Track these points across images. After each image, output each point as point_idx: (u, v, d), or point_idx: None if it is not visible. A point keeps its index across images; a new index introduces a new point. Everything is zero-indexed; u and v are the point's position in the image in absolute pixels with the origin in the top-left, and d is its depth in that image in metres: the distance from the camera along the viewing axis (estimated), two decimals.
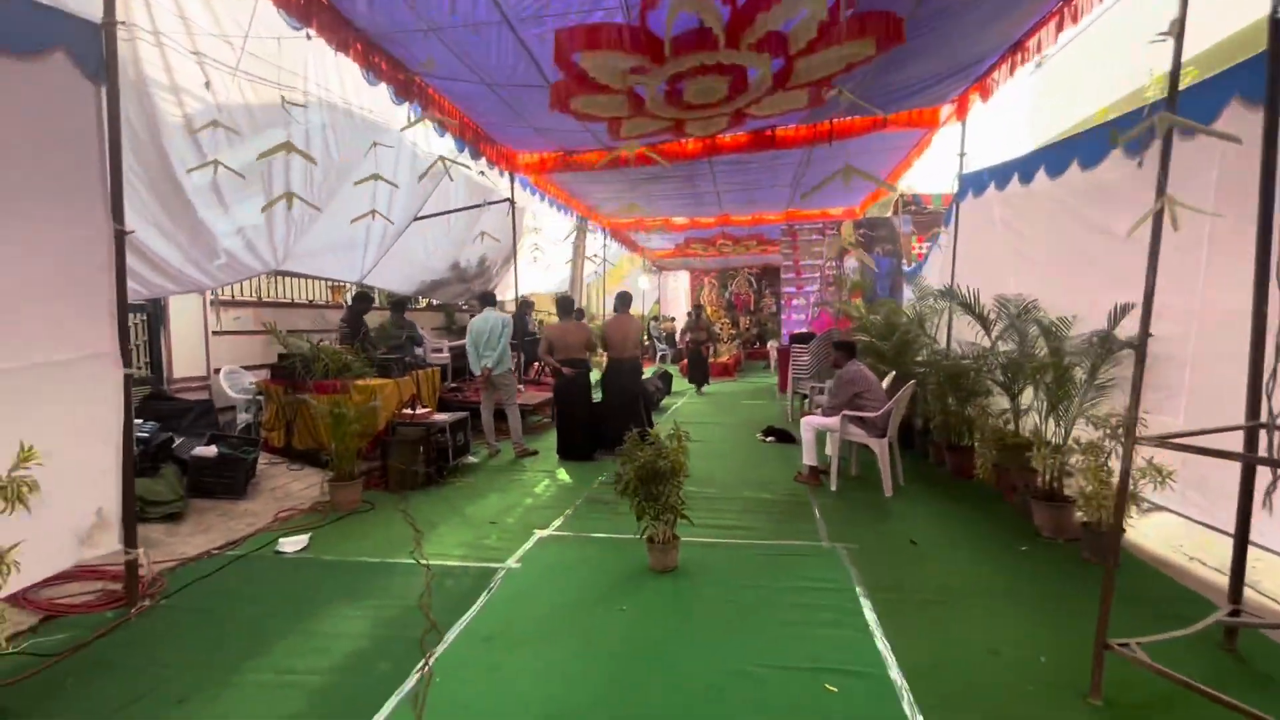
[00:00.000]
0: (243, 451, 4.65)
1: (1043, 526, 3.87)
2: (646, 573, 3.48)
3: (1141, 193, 3.97)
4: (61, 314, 2.83)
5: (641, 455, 3.42)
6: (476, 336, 6.21)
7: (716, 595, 3.18)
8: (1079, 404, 3.77)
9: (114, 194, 3.03)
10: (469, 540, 4.03)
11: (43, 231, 2.75)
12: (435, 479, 5.36)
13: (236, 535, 4.06)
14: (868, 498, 4.79)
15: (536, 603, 3.15)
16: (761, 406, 9.86)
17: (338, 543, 3.99)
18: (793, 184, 10.16)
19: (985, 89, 6.11)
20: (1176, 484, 3.20)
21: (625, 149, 8.13)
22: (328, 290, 8.18)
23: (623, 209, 11.05)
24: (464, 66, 5.20)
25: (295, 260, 6.44)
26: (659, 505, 3.42)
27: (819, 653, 2.60)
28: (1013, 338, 4.68)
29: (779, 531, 4.09)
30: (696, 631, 2.82)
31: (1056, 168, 4.90)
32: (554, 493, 5.13)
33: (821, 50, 4.44)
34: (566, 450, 6.28)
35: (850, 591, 3.18)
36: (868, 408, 4.89)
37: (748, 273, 21.99)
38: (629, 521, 4.22)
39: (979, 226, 6.19)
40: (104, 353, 3.00)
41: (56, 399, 2.80)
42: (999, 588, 3.23)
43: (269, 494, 4.80)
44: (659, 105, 5.31)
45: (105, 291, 3.00)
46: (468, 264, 9.34)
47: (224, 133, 4.52)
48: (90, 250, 2.95)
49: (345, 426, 4.64)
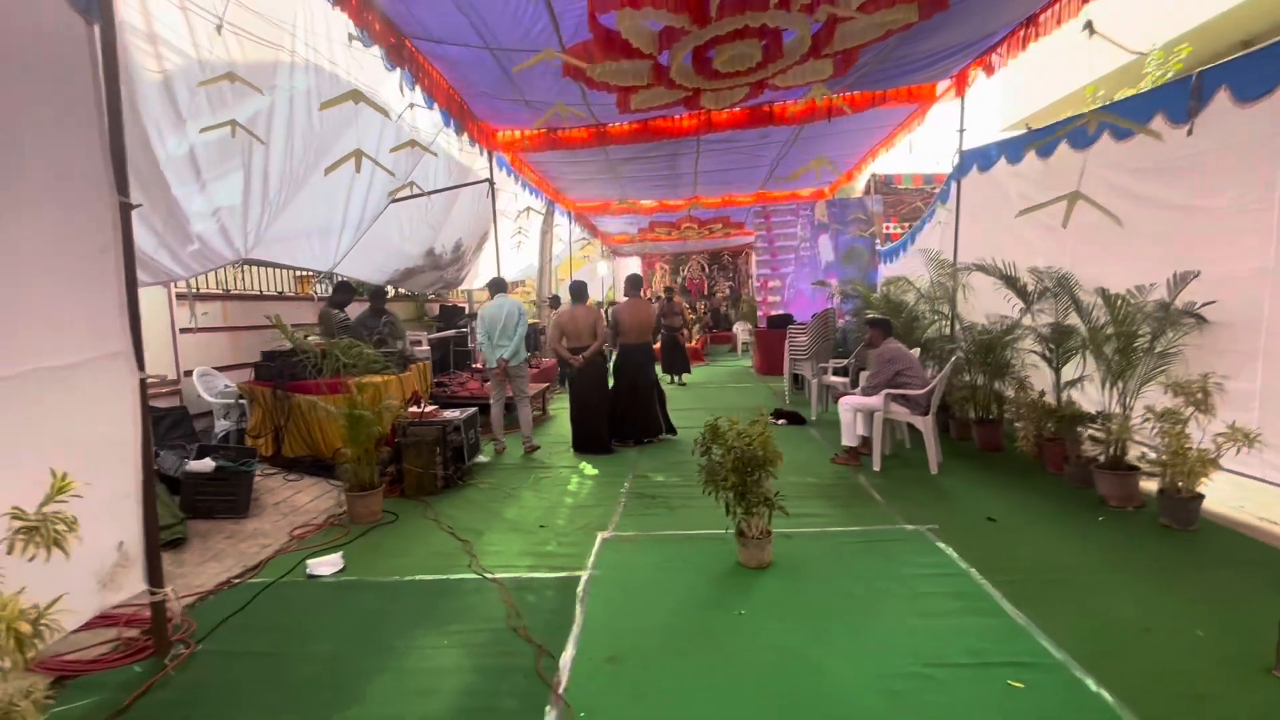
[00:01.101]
0: (242, 464, 4.07)
1: (1110, 496, 3.89)
2: (739, 570, 3.25)
3: (1192, 161, 4.07)
4: (60, 307, 2.28)
5: (735, 443, 3.16)
6: (490, 325, 5.74)
7: (826, 590, 2.98)
8: (1144, 372, 3.78)
9: (115, 158, 2.47)
10: (526, 548, 3.66)
11: (32, 206, 2.19)
12: (454, 481, 4.92)
13: (252, 560, 3.53)
14: (915, 476, 4.72)
15: (640, 613, 2.85)
16: (749, 390, 9.77)
17: (377, 561, 3.54)
18: (771, 164, 10.07)
19: (989, 64, 6.13)
20: (1264, 448, 3.24)
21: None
22: (295, 282, 7.41)
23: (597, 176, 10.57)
24: (470, 27, 4.71)
25: (266, 247, 5.74)
26: (754, 497, 3.18)
27: (976, 645, 2.44)
28: (1050, 310, 4.70)
29: (850, 517, 3.94)
30: (831, 632, 2.61)
31: (1084, 139, 4.93)
32: (590, 489, 4.80)
33: (869, 14, 4.27)
34: (582, 443, 5.93)
35: (965, 576, 3.05)
36: (910, 385, 4.81)
37: (699, 258, 21.99)
38: (689, 516, 4.02)
39: (988, 200, 6.24)
40: (115, 353, 2.46)
41: (62, 412, 2.26)
42: (1102, 561, 3.19)
43: (274, 510, 4.24)
44: (685, 74, 5.00)
45: (111, 278, 2.45)
46: (443, 250, 8.73)
47: (205, 96, 3.89)
48: (90, 227, 2.39)
49: (365, 430, 4.14)
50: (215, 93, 3.94)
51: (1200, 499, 3.44)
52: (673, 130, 7.60)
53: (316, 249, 6.52)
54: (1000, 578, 3.00)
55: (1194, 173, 3.95)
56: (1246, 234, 3.59)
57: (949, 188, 7.17)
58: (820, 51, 4.77)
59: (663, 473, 5.12)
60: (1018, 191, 5.83)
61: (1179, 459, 3.42)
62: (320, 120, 5.09)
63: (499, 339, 5.70)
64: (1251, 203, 3.56)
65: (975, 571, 3.08)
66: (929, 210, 7.94)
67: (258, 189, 4.90)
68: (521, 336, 5.75)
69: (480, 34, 4.83)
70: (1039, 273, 4.73)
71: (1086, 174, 4.90)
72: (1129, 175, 4.44)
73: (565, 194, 11.95)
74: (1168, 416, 3.49)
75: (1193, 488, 3.40)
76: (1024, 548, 3.38)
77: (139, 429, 2.53)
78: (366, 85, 5.35)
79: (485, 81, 5.88)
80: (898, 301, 7.03)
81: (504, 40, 4.95)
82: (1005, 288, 5.07)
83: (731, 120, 7.44)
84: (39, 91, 2.23)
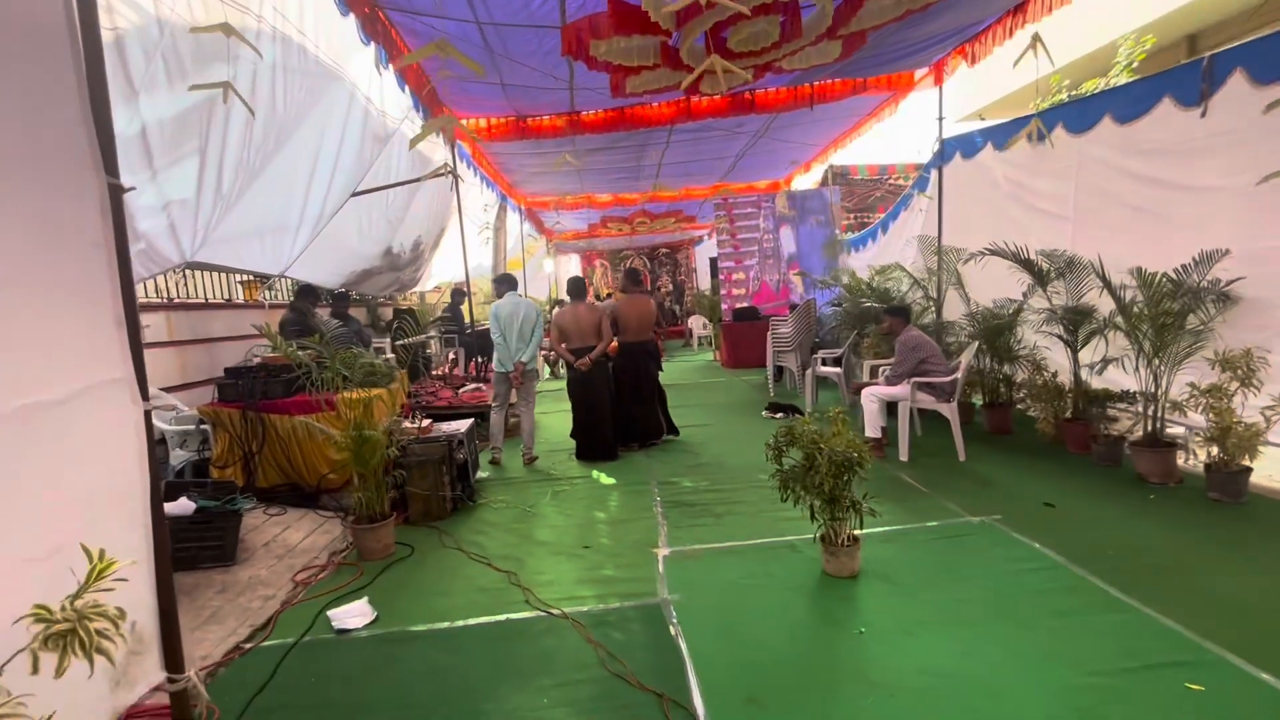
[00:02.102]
0: (227, 502, 3.44)
1: (1150, 473, 3.94)
2: (827, 581, 3.01)
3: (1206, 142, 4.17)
4: (48, 325, 1.72)
5: (824, 445, 2.91)
6: (505, 326, 5.25)
7: (935, 597, 2.79)
8: (1180, 350, 3.84)
9: (100, 130, 1.91)
10: (581, 574, 3.28)
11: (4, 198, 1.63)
12: (463, 503, 4.43)
13: (259, 617, 2.96)
14: (945, 464, 4.66)
15: (749, 641, 2.55)
16: (723, 385, 9.62)
17: (412, 604, 3.06)
18: (736, 156, 9.96)
19: (972, 54, 6.18)
20: None
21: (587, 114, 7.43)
22: (241, 288, 6.55)
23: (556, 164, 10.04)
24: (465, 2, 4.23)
25: (212, 249, 4.96)
26: (843, 503, 2.95)
27: (1127, 645, 2.31)
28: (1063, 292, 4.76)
29: (907, 512, 3.79)
30: (972, 643, 2.41)
31: (1082, 123, 5.02)
32: (619, 501, 4.44)
33: None
34: (588, 450, 5.55)
35: (1062, 568, 2.94)
36: (934, 373, 4.75)
37: (640, 254, 21.84)
38: (740, 524, 3.79)
39: (974, 187, 6.32)
40: (114, 380, 1.91)
41: (54, 459, 1.71)
42: (1180, 541, 3.17)
43: (265, 553, 3.63)
44: (695, 55, 4.70)
45: (105, 282, 1.89)
46: (401, 249, 8.03)
47: (162, 63, 3.24)
48: (76, 220, 1.83)
49: (373, 452, 3.61)
50: (174, 59, 3.29)
51: (1249, 472, 3.52)
52: (651, 118, 7.31)
53: (269, 250, 5.75)
54: (1096, 566, 2.91)
55: (1209, 153, 4.05)
56: (1271, 211, 3.70)
57: (927, 175, 7.26)
58: (836, 32, 4.60)
59: (687, 478, 4.82)
60: (1006, 176, 5.93)
61: (1228, 433, 3.48)
62: (285, 102, 4.43)
63: (515, 342, 5.23)
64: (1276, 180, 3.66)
65: (1067, 562, 2.98)
66: (903, 198, 8.04)
67: (211, 179, 4.20)
68: (539, 339, 5.30)
69: (473, 4, 4.35)
70: (1051, 255, 4.77)
71: (1086, 156, 5.01)
72: (1137, 157, 4.52)
73: (519, 188, 11.42)
74: (1214, 392, 3.54)
75: (1245, 461, 3.47)
76: (1094, 532, 3.33)
77: (145, 474, 1.98)
78: (334, 60, 4.75)
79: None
80: (882, 289, 7.05)
81: (498, 14, 4.49)
82: (1010, 270, 5.10)
83: (711, 108, 7.23)
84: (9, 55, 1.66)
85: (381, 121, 5.80)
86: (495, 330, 5.40)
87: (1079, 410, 4.64)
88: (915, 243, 6.73)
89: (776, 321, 8.20)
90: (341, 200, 6.12)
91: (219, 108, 3.87)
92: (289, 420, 4.41)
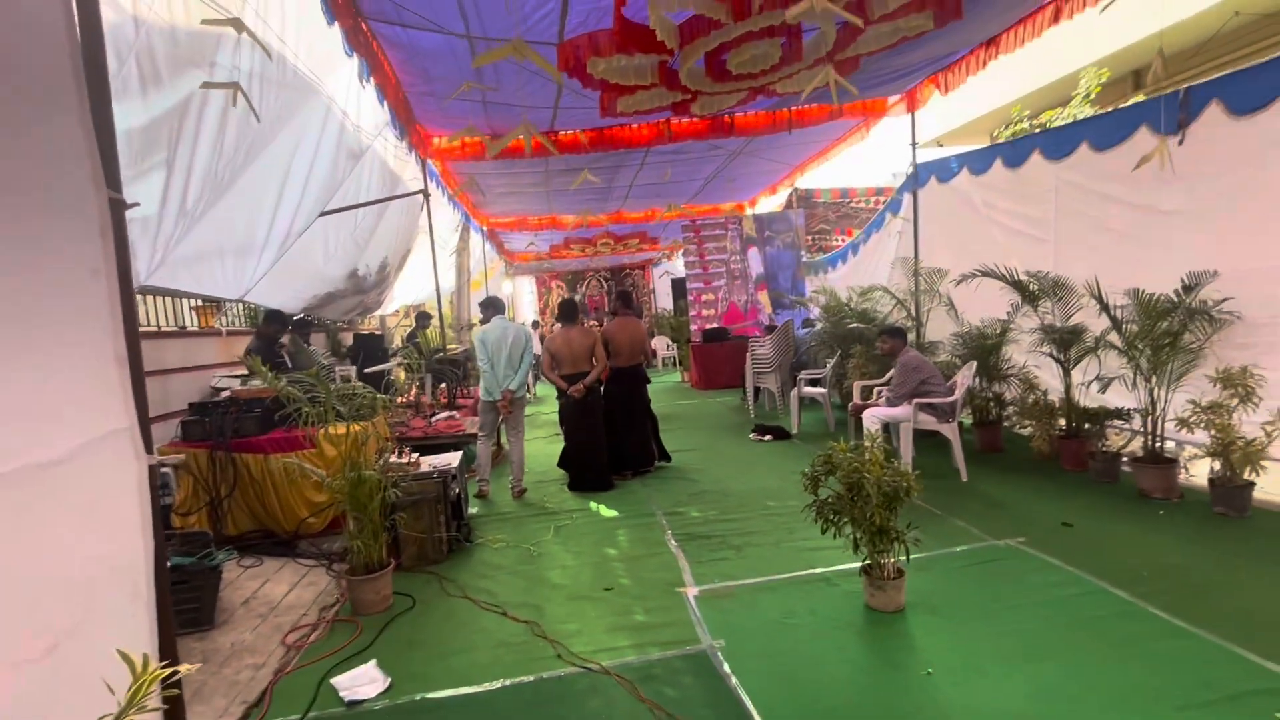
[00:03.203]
0: (204, 556, 3.03)
1: (1152, 489, 4.03)
2: (874, 616, 2.88)
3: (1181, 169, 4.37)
4: (46, 370, 1.42)
5: (874, 474, 2.80)
6: (493, 352, 4.97)
7: (989, 629, 2.69)
8: (1176, 368, 3.96)
9: (101, 139, 1.63)
10: (611, 621, 3.04)
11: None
12: (459, 544, 4.12)
13: (251, 691, 2.60)
14: (949, 485, 4.66)
15: (812, 687, 2.38)
16: (699, 405, 9.54)
17: (427, 666, 2.75)
18: (707, 178, 10.00)
19: (945, 82, 6.39)
20: None
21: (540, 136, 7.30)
22: (194, 314, 6.00)
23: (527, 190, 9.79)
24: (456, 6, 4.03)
25: (171, 270, 4.53)
26: (890, 534, 2.84)
27: (1201, 676, 2.26)
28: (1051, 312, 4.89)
29: (929, 539, 3.65)
30: (1045, 681, 2.31)
31: (1058, 151, 5.22)
32: (628, 536, 4.21)
33: (894, 20, 4.18)
34: (581, 480, 5.30)
35: (1106, 593, 2.91)
36: (934, 393, 4.77)
37: (598, 275, 21.72)
38: (763, 556, 3.69)
39: (951, 210, 6.49)
40: (115, 431, 1.60)
41: (51, 527, 1.40)
42: (1205, 557, 3.21)
43: (247, 612, 3.22)
44: (694, 77, 4.64)
45: (105, 316, 1.60)
46: (367, 271, 7.60)
47: (135, 67, 2.91)
48: (74, 243, 1.54)
49: (370, 494, 3.28)
50: (148, 62, 2.96)
51: (1252, 486, 3.63)
52: (630, 139, 7.24)
53: (230, 272, 5.30)
54: (1138, 589, 2.90)
55: (1189, 179, 4.25)
56: (1252, 234, 3.89)
57: (900, 198, 7.44)
58: (834, 56, 4.64)
59: (693, 507, 4.65)
60: (984, 200, 6.11)
61: (1231, 448, 3.58)
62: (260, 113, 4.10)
63: (504, 369, 4.96)
64: (1259, 205, 3.85)
65: (1110, 585, 2.96)
66: (875, 219, 8.21)
67: (176, 194, 3.82)
68: (529, 366, 5.05)
69: (466, 16, 4.16)
70: (1038, 276, 4.90)
71: (1064, 181, 5.20)
72: (1116, 183, 4.71)
73: (482, 209, 11.13)
74: (1215, 409, 3.65)
75: (1249, 475, 3.57)
76: (1121, 552, 3.34)
77: (149, 542, 1.67)
78: (313, 72, 4.45)
79: (448, 77, 5.14)
80: (862, 309, 7.13)
81: (492, 27, 4.31)
82: (997, 292, 5.21)
83: (690, 129, 7.21)
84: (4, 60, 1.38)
85: (356, 137, 5.49)
86: (483, 358, 5.13)
87: (1073, 428, 4.73)
88: (897, 265, 6.85)
89: (755, 343, 8.18)
90: (310, 219, 5.75)
91: (191, 117, 3.54)
92: (263, 460, 4.00)
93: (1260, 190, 3.86)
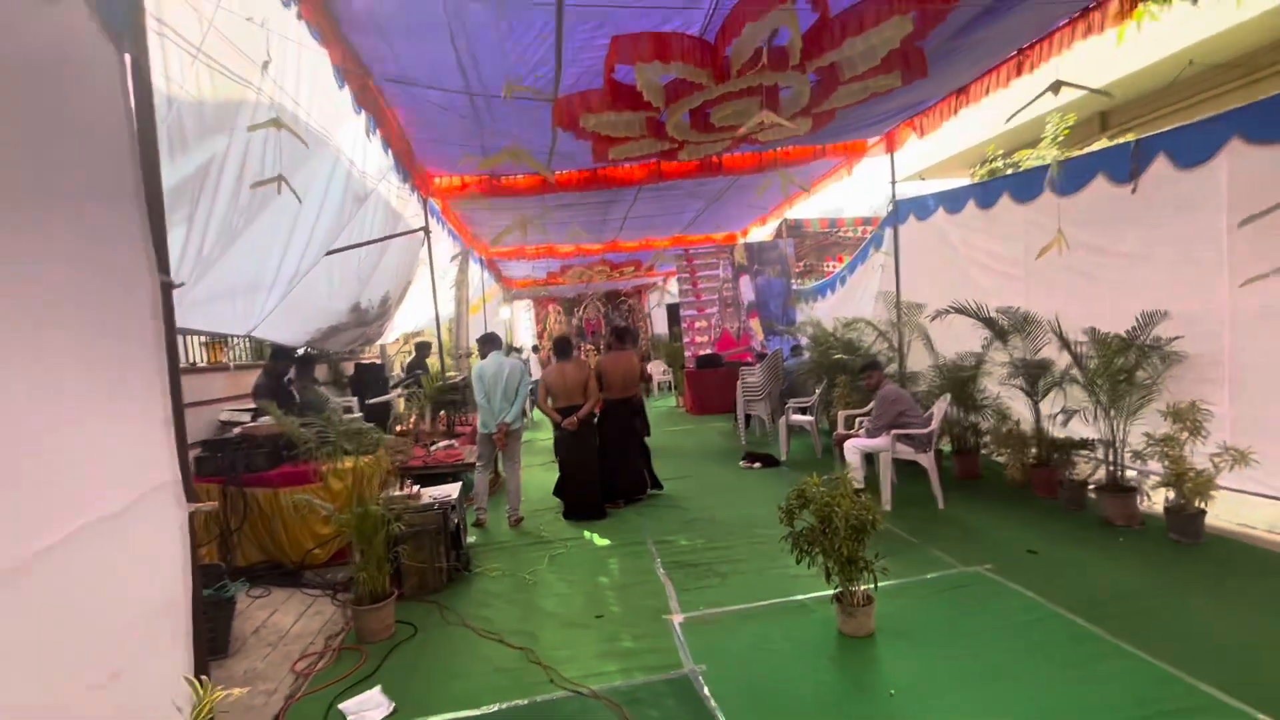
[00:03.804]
0: (219, 588, 3.24)
1: (1115, 516, 4.26)
2: (845, 641, 3.09)
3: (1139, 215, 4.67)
4: (105, 432, 1.66)
5: (840, 507, 3.03)
6: (490, 386, 5.21)
7: (952, 653, 2.90)
8: (1133, 403, 4.21)
9: (154, 226, 1.89)
10: (600, 647, 3.24)
11: (70, 304, 1.59)
12: (458, 573, 4.31)
13: (264, 717, 2.79)
14: (926, 513, 4.87)
15: (783, 710, 2.59)
16: (694, 432, 9.75)
17: (429, 691, 2.94)
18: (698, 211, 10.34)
19: (921, 126, 6.74)
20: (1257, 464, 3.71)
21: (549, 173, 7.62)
22: (204, 349, 6.25)
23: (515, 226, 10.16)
24: (457, 68, 4.35)
25: (185, 312, 4.76)
26: (859, 563, 3.06)
27: (1138, 694, 2.48)
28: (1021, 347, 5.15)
29: (903, 566, 3.89)
30: (997, 701, 2.51)
31: (1026, 193, 5.54)
32: (619, 564, 4.41)
33: (864, 79, 4.51)
34: (575, 509, 5.51)
35: (1061, 618, 3.13)
36: (912, 424, 5.01)
37: (595, 298, 22.00)
38: (745, 583, 3.92)
39: (929, 246, 6.79)
40: (161, 485, 1.83)
41: (110, 579, 1.62)
42: (1155, 583, 3.42)
43: (258, 641, 3.42)
44: (681, 129, 4.96)
45: (155, 382, 1.84)
46: (369, 304, 7.87)
47: (165, 136, 3.18)
48: (132, 318, 1.79)
49: (375, 527, 3.49)
50: (177, 132, 3.24)
51: (1203, 514, 3.86)
52: (623, 179, 7.56)
53: (239, 310, 5.56)
54: (1090, 613, 3.12)
55: (1142, 225, 4.55)
56: (1199, 278, 4.17)
57: (882, 233, 7.75)
58: (810, 110, 4.96)
59: (682, 535, 4.85)
60: (961, 238, 6.42)
61: (1184, 479, 3.82)
62: (272, 165, 4.39)
63: (500, 402, 5.20)
64: (1202, 251, 4.14)
65: (1065, 610, 3.18)
66: (860, 253, 8.52)
67: (195, 245, 4.10)
68: (524, 399, 5.29)
69: (466, 76, 4.47)
70: (1008, 312, 5.17)
71: (1031, 223, 5.50)
72: (1078, 226, 5.00)
73: (481, 239, 11.45)
74: (1168, 441, 3.90)
75: (1199, 504, 3.81)
76: (1080, 578, 3.56)
77: (189, 581, 1.89)
78: (323, 128, 4.76)
79: (449, 125, 5.46)
80: (846, 340, 7.40)
81: (492, 84, 4.62)
82: (971, 326, 5.49)
83: (681, 169, 7.54)
84: (67, 145, 1.64)
85: (361, 183, 5.79)
86: (479, 392, 5.38)
87: (1043, 457, 4.97)
88: (880, 298, 7.13)
89: (746, 371, 8.43)
90: (316, 259, 6.03)
91: (211, 176, 3.83)
92: (272, 494, 4.22)
93: (1202, 238, 4.15)
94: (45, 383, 1.47)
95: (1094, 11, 4.48)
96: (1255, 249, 3.86)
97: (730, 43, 3.74)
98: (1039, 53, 5.05)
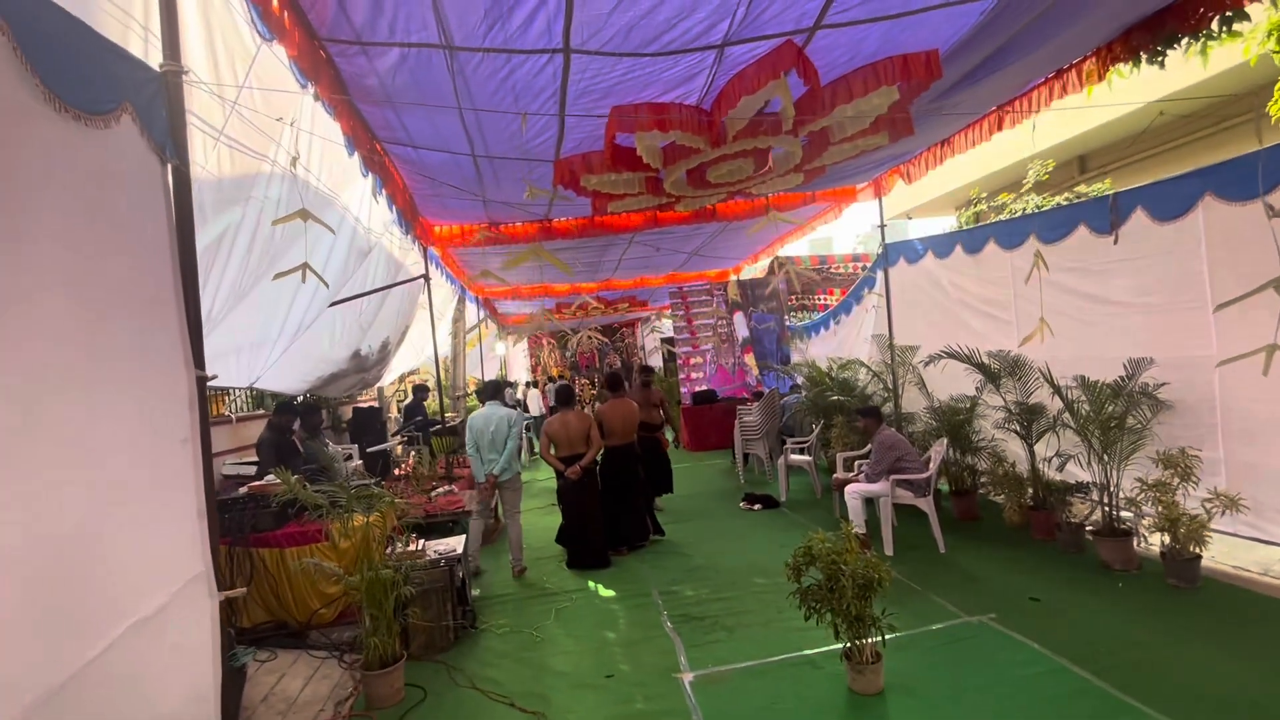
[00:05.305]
0: (230, 658, 3.23)
1: (1112, 561, 4.33)
2: (856, 700, 3.12)
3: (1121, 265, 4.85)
4: (146, 531, 1.72)
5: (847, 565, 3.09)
6: (478, 437, 5.27)
7: (962, 711, 2.95)
8: (1124, 448, 4.33)
9: (191, 325, 1.97)
10: (614, 711, 3.25)
11: (119, 404, 1.66)
12: (465, 630, 4.31)
13: None
14: (928, 556, 4.93)
15: None
16: (690, 469, 9.77)
17: None
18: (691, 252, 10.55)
19: (908, 173, 6.99)
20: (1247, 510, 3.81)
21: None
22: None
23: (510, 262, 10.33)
24: (464, 136, 4.51)
25: None
26: (867, 620, 3.11)
27: None
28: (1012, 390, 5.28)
29: (909, 616, 3.93)
30: None
31: (1010, 241, 5.73)
32: (626, 617, 4.43)
33: (853, 140, 4.71)
34: (579, 558, 5.52)
35: (1066, 671, 3.18)
36: (910, 469, 5.10)
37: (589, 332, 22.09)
38: (753, 637, 3.93)
39: (920, 288, 6.96)
40: (194, 577, 1.88)
41: (150, 678, 1.66)
42: (1159, 631, 3.48)
43: (266, 709, 3.40)
44: (678, 186, 5.13)
45: (190, 477, 1.90)
46: (369, 351, 7.94)
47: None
48: (169, 417, 1.86)
49: (385, 590, 3.51)
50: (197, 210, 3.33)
51: (1199, 559, 3.95)
52: (619, 225, 7.74)
53: (245, 364, 5.63)
54: (1094, 665, 3.17)
55: (1125, 275, 4.72)
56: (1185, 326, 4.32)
57: (874, 275, 7.94)
58: (802, 167, 5.16)
59: (687, 585, 4.88)
60: (950, 281, 6.60)
61: (1177, 524, 3.91)
62: (282, 232, 4.51)
63: (487, 452, 5.26)
64: (1187, 301, 4.30)
65: (1070, 663, 3.23)
66: (853, 293, 8.71)
67: (205, 306, 4.18)
68: (512, 451, 5.34)
69: (472, 142, 4.63)
70: (999, 356, 5.31)
71: (1017, 270, 5.68)
72: (1064, 273, 5.18)
73: (477, 280, 11.59)
74: (1159, 487, 4.00)
75: (1195, 550, 3.89)
76: (1082, 627, 3.62)
77: (218, 670, 1.93)
78: (331, 189, 4.89)
79: (454, 181, 5.61)
80: (842, 380, 7.53)
81: (495, 148, 4.79)
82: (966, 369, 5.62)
83: (676, 217, 7.74)
84: (119, 252, 1.73)
85: (366, 239, 5.92)
86: (470, 443, 5.44)
87: (1040, 500, 5.06)
88: (873, 341, 7.28)
89: (743, 411, 8.52)
90: (320, 313, 6.12)
91: (225, 244, 3.93)
92: (279, 553, 4.22)
93: (1183, 288, 4.32)
94: (98, 479, 1.53)
95: (1068, 72, 4.74)
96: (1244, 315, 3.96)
97: (726, 113, 3.92)
98: (1019, 108, 5.31)
